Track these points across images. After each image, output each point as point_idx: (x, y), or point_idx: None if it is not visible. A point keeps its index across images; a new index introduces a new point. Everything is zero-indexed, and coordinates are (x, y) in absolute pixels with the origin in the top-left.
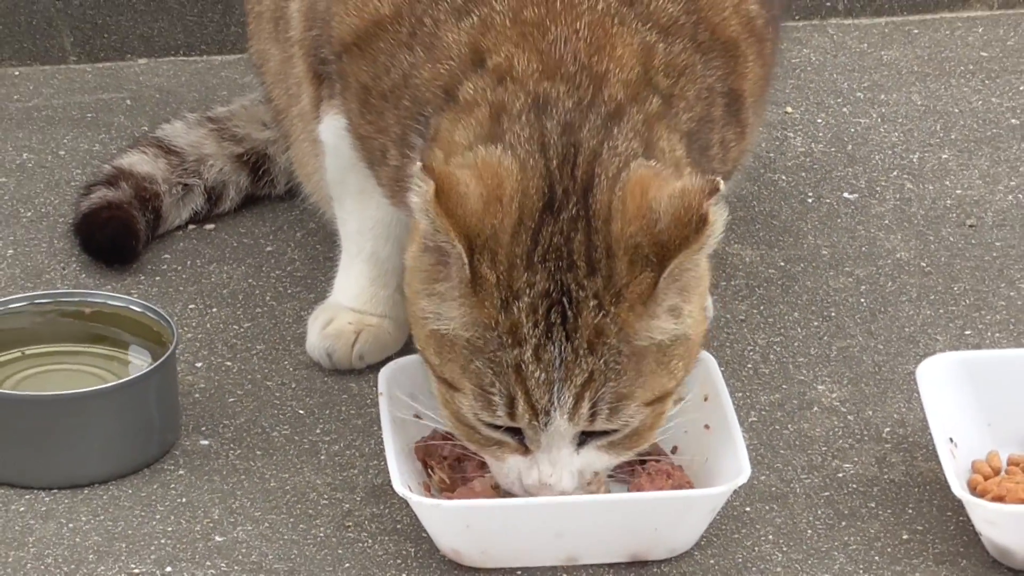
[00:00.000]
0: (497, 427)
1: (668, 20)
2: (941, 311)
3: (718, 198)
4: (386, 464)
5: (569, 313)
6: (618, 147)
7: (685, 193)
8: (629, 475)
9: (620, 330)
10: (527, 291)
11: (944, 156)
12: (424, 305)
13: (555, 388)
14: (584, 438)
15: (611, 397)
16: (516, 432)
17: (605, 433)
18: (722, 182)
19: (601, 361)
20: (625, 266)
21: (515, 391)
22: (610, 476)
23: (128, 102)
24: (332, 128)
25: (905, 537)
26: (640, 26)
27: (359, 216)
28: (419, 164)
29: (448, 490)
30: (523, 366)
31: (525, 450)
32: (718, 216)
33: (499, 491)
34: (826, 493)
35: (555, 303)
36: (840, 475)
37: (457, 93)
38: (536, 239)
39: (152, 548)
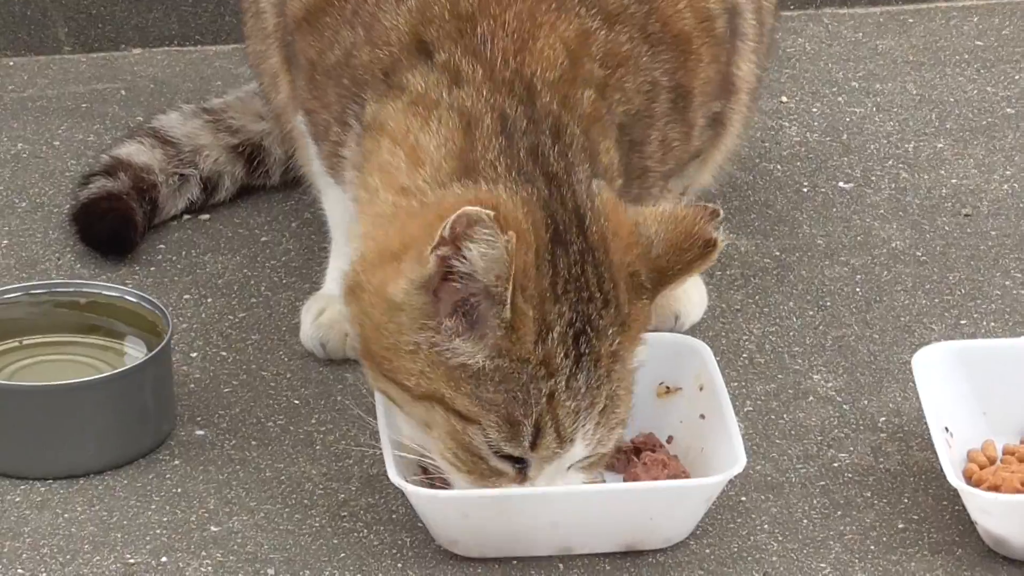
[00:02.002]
0: (505, 457)
1: (617, 7)
2: (936, 300)
3: (720, 221)
4: (382, 454)
5: (594, 342)
6: (580, 176)
7: (680, 221)
8: (624, 465)
9: (625, 356)
10: (558, 322)
11: (939, 145)
12: (420, 339)
13: (581, 416)
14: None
15: (615, 420)
16: (518, 460)
17: (595, 455)
18: (719, 208)
19: (614, 387)
20: (627, 296)
21: (545, 420)
22: (606, 467)
23: (123, 92)
24: None
25: (900, 527)
26: (584, 11)
27: (343, 206)
28: (487, 213)
29: (443, 481)
30: (556, 395)
31: (523, 479)
32: (723, 241)
33: None
34: (822, 483)
35: (580, 332)
36: (836, 465)
37: (404, 82)
38: (555, 270)
39: (148, 538)
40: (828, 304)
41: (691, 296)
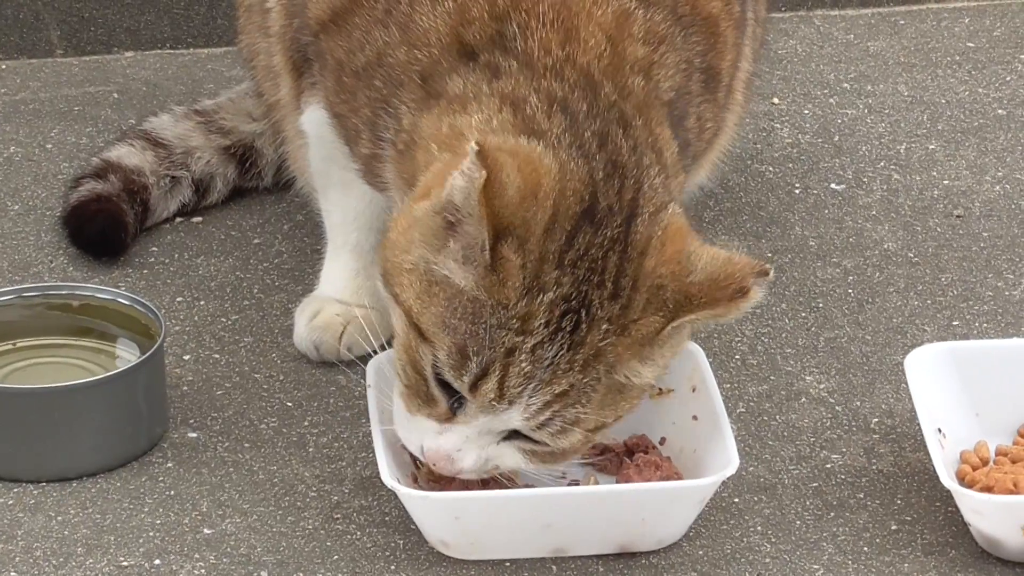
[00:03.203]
0: (446, 387)
1: None
2: (929, 301)
3: (764, 282)
4: (374, 456)
5: (582, 326)
6: (654, 180)
7: (730, 262)
8: (617, 467)
9: (613, 361)
10: (553, 288)
11: (931, 147)
12: (421, 253)
13: (532, 385)
14: (512, 434)
15: (570, 418)
16: (457, 397)
17: (541, 443)
18: (771, 269)
19: (584, 381)
20: (642, 303)
21: (494, 369)
22: (598, 469)
23: (115, 95)
24: (314, 119)
25: (894, 528)
26: None
27: (342, 207)
28: (475, 147)
29: (436, 482)
30: (516, 353)
31: (450, 416)
32: (757, 296)
33: (486, 483)
34: (814, 484)
35: (572, 311)
36: (828, 466)
37: (442, 88)
38: (571, 242)
39: (141, 541)
40: (820, 305)
41: None
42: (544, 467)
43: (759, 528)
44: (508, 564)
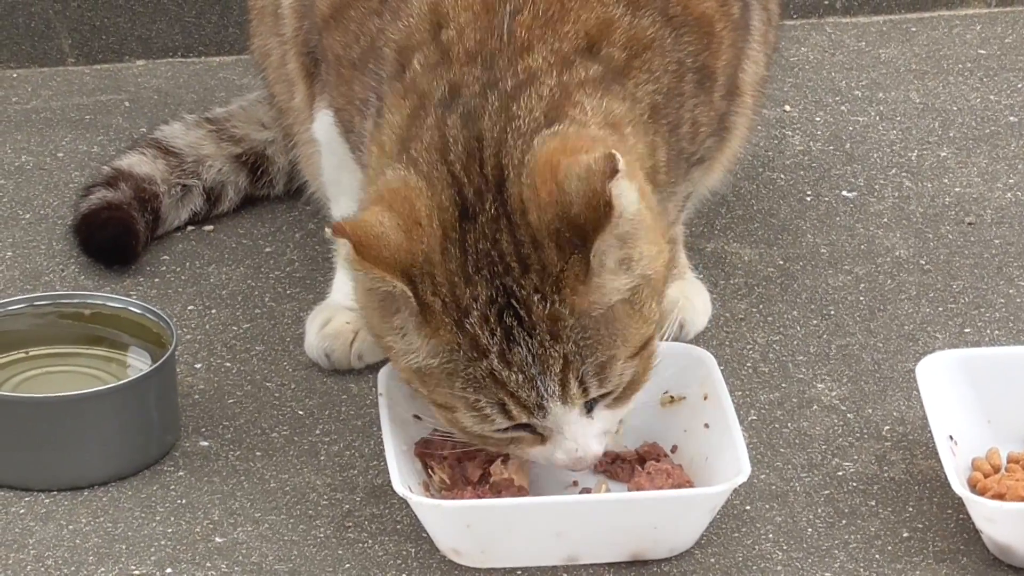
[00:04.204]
0: (506, 428)
1: None
2: (940, 309)
3: (619, 176)
4: (386, 464)
5: (521, 312)
6: (520, 126)
7: (590, 174)
8: (629, 475)
9: (573, 311)
10: (474, 305)
11: (943, 154)
12: (390, 342)
13: (537, 382)
14: (590, 403)
15: (594, 369)
16: (527, 425)
17: (605, 394)
18: (620, 158)
19: (570, 344)
20: (554, 253)
21: (501, 397)
22: (610, 476)
23: (126, 104)
24: (325, 125)
25: (905, 535)
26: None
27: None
28: (328, 230)
29: (448, 490)
30: (496, 373)
31: (543, 438)
32: (623, 197)
33: (499, 492)
34: (826, 491)
35: (504, 307)
36: (840, 473)
37: (407, 65)
38: (464, 250)
39: (152, 549)
40: (832, 313)
41: (695, 305)
42: (640, 395)
43: (771, 536)
44: (520, 572)
